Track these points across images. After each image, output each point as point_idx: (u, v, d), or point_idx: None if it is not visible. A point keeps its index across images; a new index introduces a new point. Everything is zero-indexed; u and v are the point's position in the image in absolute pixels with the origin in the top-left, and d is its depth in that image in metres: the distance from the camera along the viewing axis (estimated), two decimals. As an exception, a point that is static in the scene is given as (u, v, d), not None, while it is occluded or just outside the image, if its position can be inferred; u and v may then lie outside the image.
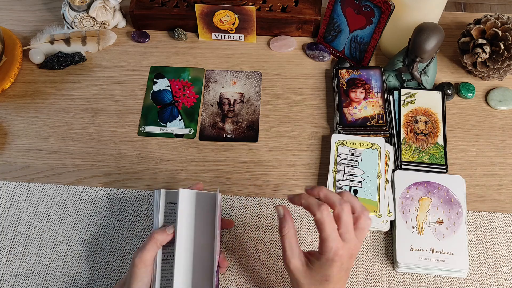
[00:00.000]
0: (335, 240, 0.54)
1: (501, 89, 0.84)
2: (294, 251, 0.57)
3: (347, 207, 0.55)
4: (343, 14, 0.84)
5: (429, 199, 0.72)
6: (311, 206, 0.55)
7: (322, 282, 0.55)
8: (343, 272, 0.56)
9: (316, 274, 0.55)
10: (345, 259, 0.55)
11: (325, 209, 0.54)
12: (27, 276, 0.70)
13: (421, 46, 0.77)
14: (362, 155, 0.75)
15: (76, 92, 0.87)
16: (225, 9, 0.87)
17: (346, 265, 0.55)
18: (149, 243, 0.58)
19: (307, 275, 0.56)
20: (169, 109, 0.84)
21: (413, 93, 0.80)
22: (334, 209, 0.55)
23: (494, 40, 0.80)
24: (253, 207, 0.75)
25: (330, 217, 0.54)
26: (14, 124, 0.83)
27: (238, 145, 0.81)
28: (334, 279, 0.55)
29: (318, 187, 0.56)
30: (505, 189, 0.76)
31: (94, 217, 0.75)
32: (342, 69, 0.83)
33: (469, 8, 1.95)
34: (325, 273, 0.55)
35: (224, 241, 0.72)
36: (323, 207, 0.54)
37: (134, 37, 0.92)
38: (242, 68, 0.88)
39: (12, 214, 0.75)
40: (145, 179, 0.78)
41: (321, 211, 0.54)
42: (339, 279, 0.56)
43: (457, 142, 0.80)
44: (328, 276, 0.55)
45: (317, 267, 0.55)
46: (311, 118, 0.83)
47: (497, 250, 0.71)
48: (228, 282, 0.69)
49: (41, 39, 0.89)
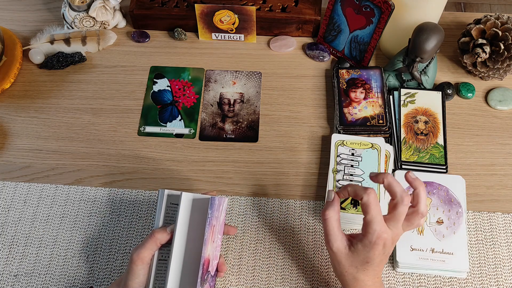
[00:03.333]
0: (379, 223, 0.56)
1: (501, 89, 0.84)
2: (337, 234, 0.58)
3: (407, 199, 0.57)
4: (343, 14, 0.84)
5: (429, 199, 0.72)
6: (358, 191, 0.57)
7: (363, 263, 0.58)
8: (383, 256, 0.58)
9: (358, 256, 0.57)
10: (388, 242, 0.57)
11: (371, 192, 0.56)
12: (27, 276, 0.70)
13: (421, 46, 0.77)
14: (362, 155, 0.75)
15: (76, 92, 0.87)
16: (225, 9, 0.87)
17: (388, 249, 0.58)
18: (149, 241, 0.58)
19: (349, 257, 0.58)
20: (169, 109, 0.84)
21: (413, 93, 0.80)
22: (394, 198, 0.57)
23: (494, 40, 0.80)
24: (253, 207, 0.75)
25: (376, 201, 0.56)
26: (14, 124, 0.83)
27: (238, 145, 0.81)
28: (375, 261, 0.57)
29: (383, 174, 0.58)
30: (505, 189, 0.76)
31: (94, 217, 0.75)
32: (342, 69, 0.83)
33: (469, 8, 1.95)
34: (367, 255, 0.57)
35: (224, 241, 0.72)
36: (370, 190, 0.56)
37: (134, 37, 0.92)
38: (242, 68, 0.88)
39: (12, 214, 0.75)
40: (145, 179, 0.78)
41: (368, 194, 0.56)
42: (379, 262, 0.58)
43: (457, 142, 0.80)
44: (369, 258, 0.57)
45: (360, 249, 0.57)
46: (311, 118, 0.83)
47: (497, 250, 0.71)
48: (228, 282, 0.69)
49: (41, 39, 0.89)
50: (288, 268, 0.70)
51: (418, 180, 0.59)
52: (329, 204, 0.59)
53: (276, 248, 0.72)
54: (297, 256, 0.71)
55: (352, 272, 0.58)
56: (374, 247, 0.56)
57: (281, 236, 0.73)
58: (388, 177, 0.58)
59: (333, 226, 0.58)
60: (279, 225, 0.73)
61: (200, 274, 0.57)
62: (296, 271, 0.70)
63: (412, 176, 0.60)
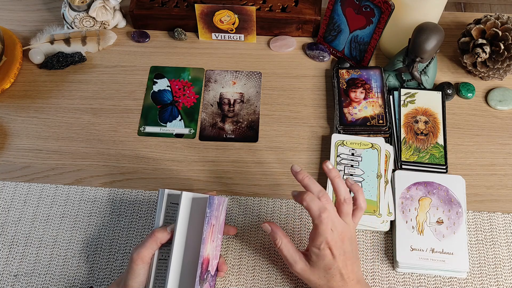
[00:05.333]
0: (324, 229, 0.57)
1: (501, 89, 0.84)
2: (295, 256, 0.59)
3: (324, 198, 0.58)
4: (343, 14, 0.84)
5: (429, 199, 0.72)
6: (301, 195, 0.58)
7: (327, 271, 0.58)
8: (342, 256, 0.58)
9: (318, 267, 0.58)
10: (337, 244, 0.57)
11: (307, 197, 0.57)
12: (27, 276, 0.70)
13: (421, 46, 0.77)
14: (362, 155, 0.75)
15: (76, 92, 0.87)
16: (225, 9, 0.87)
17: (345, 247, 0.58)
18: (149, 240, 0.58)
19: (312, 271, 0.59)
20: (169, 109, 0.84)
21: (413, 93, 0.80)
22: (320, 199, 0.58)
23: (494, 40, 0.80)
24: (253, 207, 0.75)
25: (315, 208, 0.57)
26: (14, 124, 0.83)
27: (238, 145, 0.81)
28: (337, 265, 0.58)
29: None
30: (505, 189, 0.76)
31: (94, 217, 0.75)
32: (342, 69, 0.83)
33: (469, 8, 1.95)
34: (324, 263, 0.58)
35: (224, 241, 0.72)
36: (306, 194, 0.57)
37: (134, 37, 0.92)
38: (242, 68, 0.88)
39: (12, 214, 0.75)
40: (145, 179, 0.78)
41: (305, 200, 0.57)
42: (343, 262, 0.58)
43: (457, 142, 0.80)
44: (329, 265, 0.58)
45: (315, 260, 0.58)
46: (311, 118, 0.83)
47: (497, 250, 0.71)
48: (228, 282, 0.69)
49: (41, 39, 0.89)
50: (288, 268, 0.70)
51: (356, 184, 0.62)
52: (272, 235, 0.60)
53: (276, 248, 0.72)
54: (297, 256, 0.71)
55: (323, 283, 0.59)
56: (324, 253, 0.57)
57: (281, 236, 0.73)
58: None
59: (289, 250, 0.59)
60: (279, 225, 0.73)
61: (199, 273, 0.57)
62: (296, 271, 0.70)
63: (350, 182, 0.62)
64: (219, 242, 0.64)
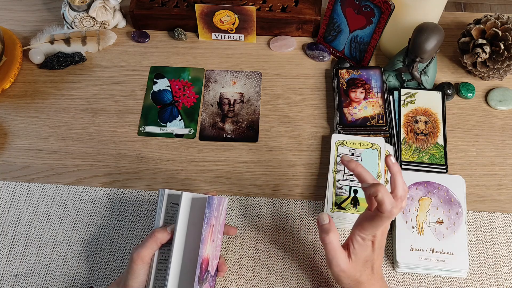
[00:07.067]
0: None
1: (501, 89, 0.84)
2: (340, 254, 0.58)
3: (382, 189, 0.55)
4: (343, 14, 0.84)
5: (429, 199, 0.72)
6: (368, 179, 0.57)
7: (364, 263, 0.59)
8: (378, 250, 0.60)
9: (358, 261, 0.59)
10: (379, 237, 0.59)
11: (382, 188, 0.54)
12: (27, 276, 0.70)
13: (421, 46, 0.77)
14: (362, 155, 0.75)
15: (76, 92, 0.87)
16: (225, 9, 0.87)
17: (379, 243, 0.59)
18: (149, 241, 0.58)
19: (352, 266, 0.59)
20: (169, 109, 0.84)
21: (413, 93, 0.80)
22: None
23: (494, 40, 0.80)
24: (253, 207, 0.75)
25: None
26: (14, 124, 0.83)
27: (238, 145, 0.81)
28: (373, 256, 0.59)
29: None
30: (505, 189, 0.76)
31: (94, 217, 0.75)
32: (342, 69, 0.83)
33: (469, 8, 1.95)
34: (365, 254, 0.59)
35: (224, 241, 0.72)
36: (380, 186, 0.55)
37: (134, 37, 0.92)
38: (242, 68, 0.88)
39: (12, 214, 0.75)
40: (145, 179, 0.78)
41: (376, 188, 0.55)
42: (377, 255, 0.60)
43: (457, 142, 0.80)
44: (367, 257, 0.59)
45: (356, 254, 0.59)
46: (311, 118, 0.83)
47: (497, 250, 0.71)
48: (228, 282, 0.69)
49: (41, 39, 0.89)
50: (288, 268, 0.70)
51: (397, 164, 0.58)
52: (326, 228, 0.58)
53: (276, 248, 0.72)
54: (297, 256, 0.71)
55: (358, 276, 0.59)
56: (367, 244, 0.59)
57: (281, 236, 0.73)
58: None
59: (336, 248, 0.58)
60: (279, 225, 0.73)
61: (198, 273, 0.57)
62: (296, 271, 0.70)
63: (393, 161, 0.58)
64: (219, 242, 0.64)
